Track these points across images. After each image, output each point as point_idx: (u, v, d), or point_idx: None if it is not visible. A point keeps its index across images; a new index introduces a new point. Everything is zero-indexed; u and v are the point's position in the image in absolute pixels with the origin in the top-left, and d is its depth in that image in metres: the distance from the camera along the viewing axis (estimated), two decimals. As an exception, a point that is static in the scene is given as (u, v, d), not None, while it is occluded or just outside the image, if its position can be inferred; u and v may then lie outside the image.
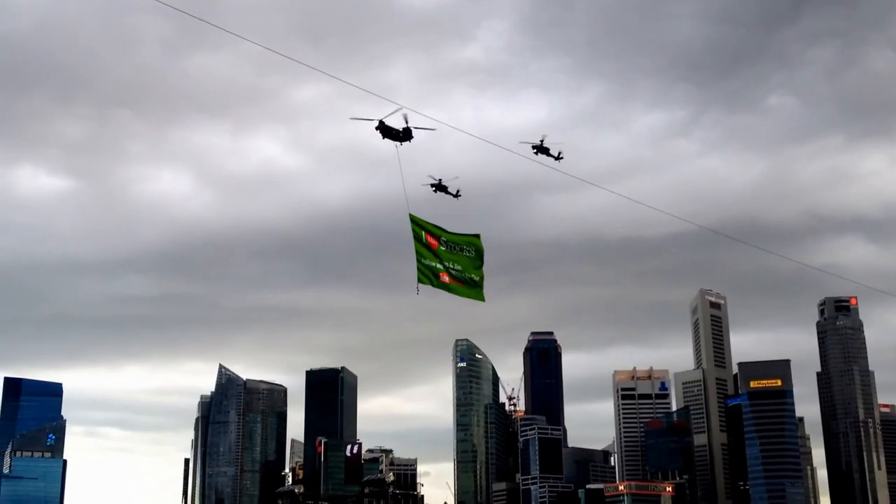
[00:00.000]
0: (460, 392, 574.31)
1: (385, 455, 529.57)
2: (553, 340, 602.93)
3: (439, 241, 53.86)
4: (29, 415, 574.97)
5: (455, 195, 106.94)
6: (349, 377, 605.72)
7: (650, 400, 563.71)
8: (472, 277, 55.09)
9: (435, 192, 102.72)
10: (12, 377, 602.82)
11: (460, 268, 54.46)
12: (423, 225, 53.69)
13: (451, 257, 54.25)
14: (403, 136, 71.41)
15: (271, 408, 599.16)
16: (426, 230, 53.66)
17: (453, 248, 54.40)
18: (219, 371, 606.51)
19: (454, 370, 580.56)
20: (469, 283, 54.95)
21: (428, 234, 53.65)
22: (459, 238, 54.79)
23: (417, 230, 53.41)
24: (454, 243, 54.50)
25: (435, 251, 53.68)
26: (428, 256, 53.41)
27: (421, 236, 53.34)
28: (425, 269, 53.29)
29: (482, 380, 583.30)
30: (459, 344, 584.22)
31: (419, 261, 53.07)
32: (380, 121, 69.63)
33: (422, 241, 53.34)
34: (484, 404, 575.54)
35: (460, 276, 54.54)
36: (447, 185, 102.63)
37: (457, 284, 54.32)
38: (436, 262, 53.67)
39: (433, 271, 53.52)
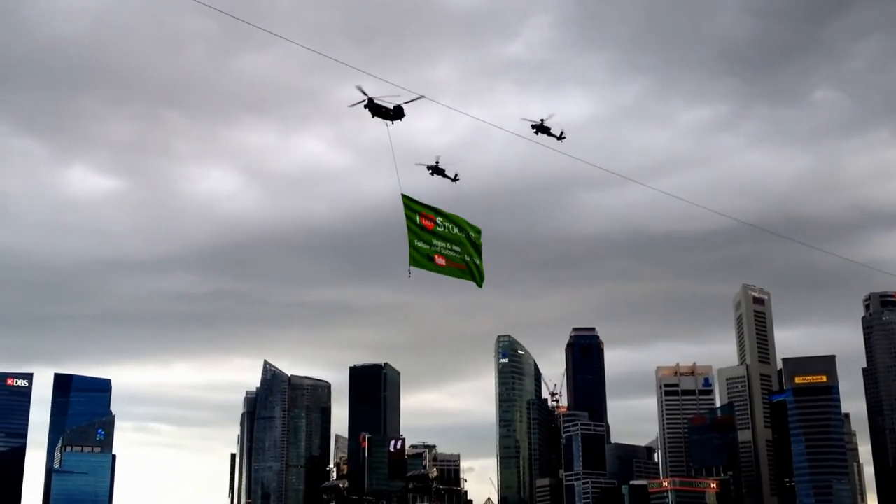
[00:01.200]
0: (503, 388, 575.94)
1: (428, 451, 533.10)
2: (595, 336, 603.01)
3: (435, 222, 51.14)
4: (79, 410, 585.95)
5: (453, 179, 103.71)
6: (392, 373, 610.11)
7: (693, 396, 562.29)
8: (472, 260, 52.24)
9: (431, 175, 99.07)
10: (63, 373, 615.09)
11: (458, 249, 51.60)
12: (416, 206, 50.83)
13: (448, 238, 51.29)
14: (394, 115, 68.74)
15: (316, 403, 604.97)
16: (420, 211, 50.78)
17: (450, 230, 51.54)
18: (264, 367, 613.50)
19: (496, 366, 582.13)
20: (468, 266, 52.03)
21: (422, 215, 50.76)
22: (458, 220, 52.13)
23: (410, 211, 50.47)
24: (452, 225, 51.74)
25: (431, 231, 50.79)
26: (422, 238, 50.45)
27: (415, 218, 50.44)
28: (419, 251, 50.22)
29: (524, 375, 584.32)
30: (501, 340, 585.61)
31: (412, 243, 50.07)
32: (369, 98, 67.11)
33: (415, 222, 50.38)
34: (526, 400, 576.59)
35: (458, 258, 51.65)
36: (444, 168, 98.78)
37: (454, 267, 51.42)
38: (430, 245, 50.63)
39: (427, 254, 50.48)
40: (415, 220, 50.29)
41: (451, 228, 51.61)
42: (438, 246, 50.83)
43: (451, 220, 51.73)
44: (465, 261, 51.77)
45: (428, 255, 50.40)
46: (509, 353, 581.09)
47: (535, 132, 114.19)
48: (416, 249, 50.03)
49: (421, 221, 50.46)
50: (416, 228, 50.28)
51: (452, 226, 51.72)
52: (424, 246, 50.32)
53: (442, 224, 51.29)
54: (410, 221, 50.17)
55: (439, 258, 50.85)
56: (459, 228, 51.98)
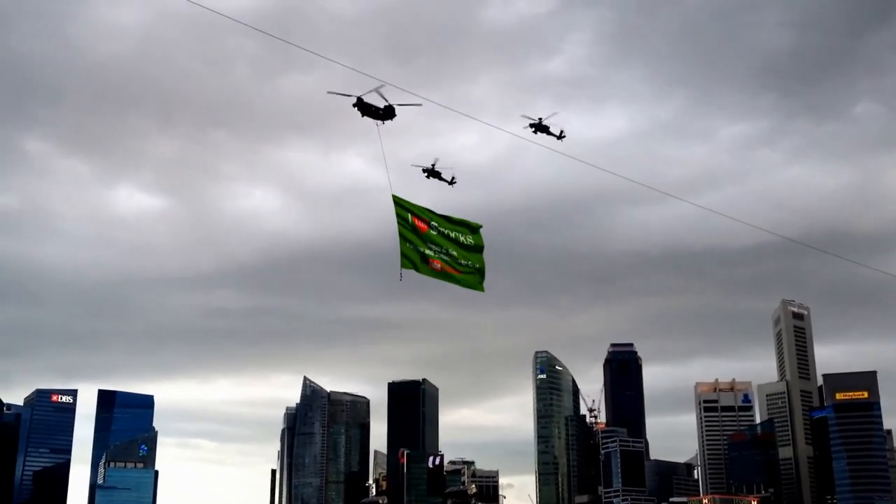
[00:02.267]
0: (541, 404, 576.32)
1: (467, 467, 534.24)
2: (633, 352, 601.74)
3: (429, 224, 48.13)
4: (122, 426, 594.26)
5: (450, 182, 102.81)
6: (430, 389, 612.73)
7: (733, 412, 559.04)
8: (470, 264, 48.99)
9: (427, 178, 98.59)
10: (106, 389, 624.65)
11: (455, 254, 48.45)
12: (409, 207, 47.97)
13: (443, 242, 48.37)
14: (385, 115, 66.65)
15: (355, 419, 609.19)
16: (413, 212, 47.89)
17: (446, 234, 48.61)
18: (303, 383, 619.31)
19: (534, 382, 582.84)
20: (466, 270, 48.85)
21: (415, 217, 47.87)
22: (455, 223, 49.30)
23: (402, 211, 47.66)
24: (448, 227, 48.80)
25: (424, 234, 47.82)
26: (415, 240, 47.51)
27: (407, 218, 47.61)
28: (411, 253, 47.29)
29: (562, 391, 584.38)
30: (539, 356, 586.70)
31: (403, 244, 47.15)
32: (358, 98, 65.20)
33: (407, 223, 47.56)
34: (564, 416, 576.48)
35: (454, 263, 48.43)
36: (440, 171, 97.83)
37: (452, 272, 48.28)
38: (424, 248, 47.68)
39: (421, 256, 47.53)
40: (407, 221, 47.59)
41: (446, 232, 48.61)
42: (433, 249, 48.01)
43: (447, 222, 48.87)
44: (461, 265, 48.70)
45: (422, 258, 47.57)
46: (547, 369, 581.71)
47: (534, 131, 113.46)
48: (408, 252, 47.29)
49: (414, 223, 47.78)
50: (409, 230, 47.51)
51: (448, 230, 48.71)
52: (417, 249, 47.54)
53: (437, 227, 48.34)
54: (402, 222, 47.48)
55: (434, 262, 47.93)
56: (456, 231, 48.98)
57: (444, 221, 48.80)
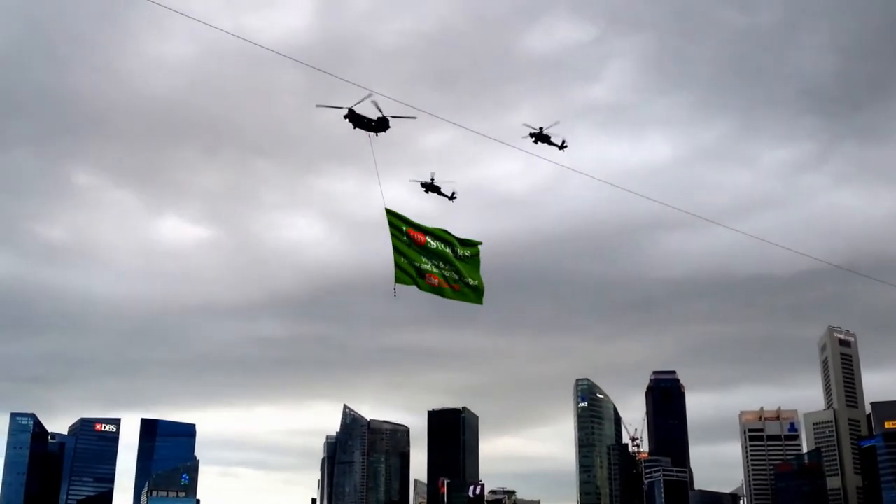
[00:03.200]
0: (582, 432, 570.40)
1: (508, 496, 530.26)
2: (676, 380, 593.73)
3: (426, 239, 46.51)
4: (164, 455, 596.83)
5: (450, 197, 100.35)
6: (471, 417, 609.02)
7: (779, 441, 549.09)
8: (468, 281, 47.31)
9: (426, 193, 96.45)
10: (149, 418, 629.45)
11: (452, 268, 46.83)
12: (403, 220, 46.30)
13: (440, 257, 46.78)
14: (378, 126, 64.75)
15: (395, 448, 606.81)
16: (409, 225, 46.23)
17: (442, 248, 46.93)
18: (343, 411, 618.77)
19: (575, 410, 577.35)
20: (465, 286, 47.22)
21: (411, 230, 46.16)
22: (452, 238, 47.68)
23: (397, 223, 45.96)
24: (444, 242, 47.15)
25: (421, 248, 46.17)
26: (410, 254, 45.81)
27: (401, 231, 45.89)
28: (408, 267, 45.53)
29: (604, 420, 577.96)
30: (580, 383, 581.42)
31: (398, 259, 45.31)
32: (349, 109, 63.85)
33: (402, 236, 45.85)
34: (606, 445, 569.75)
35: (452, 278, 46.79)
36: (440, 186, 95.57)
37: (447, 287, 46.65)
38: (420, 262, 45.96)
39: (418, 271, 45.78)
40: (401, 235, 45.89)
41: (442, 246, 47.06)
42: (429, 264, 46.35)
43: (441, 237, 47.24)
44: (459, 280, 47.19)
45: (418, 272, 45.86)
46: (588, 397, 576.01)
47: (535, 141, 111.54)
48: (403, 266, 45.48)
49: (410, 235, 46.05)
50: (404, 244, 45.77)
51: (444, 243, 47.17)
52: (413, 263, 45.79)
53: (434, 241, 46.80)
54: (397, 235, 45.77)
55: (431, 277, 46.28)
56: (453, 248, 47.43)
57: (439, 235, 47.37)
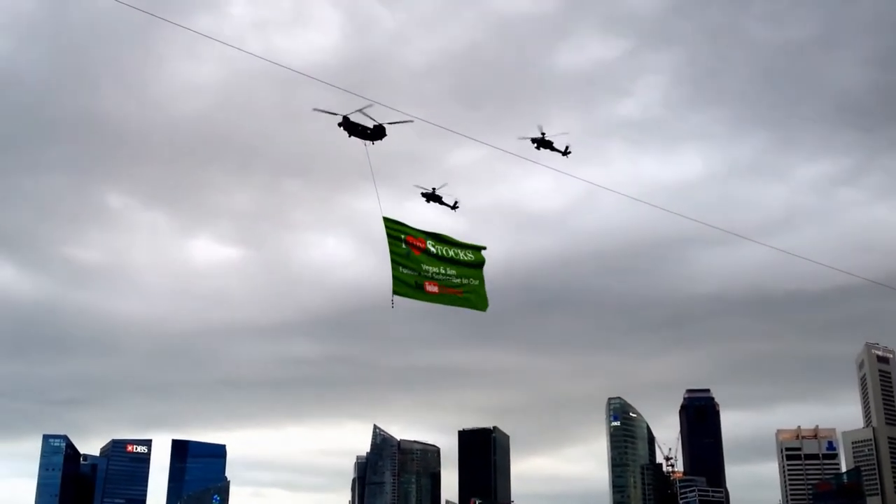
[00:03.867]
0: (615, 452, 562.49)
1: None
2: (710, 398, 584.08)
3: (425, 245, 45.64)
4: (195, 476, 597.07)
5: (452, 207, 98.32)
6: (501, 437, 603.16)
7: (817, 460, 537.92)
8: (472, 285, 46.55)
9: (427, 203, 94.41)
10: (180, 439, 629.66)
11: (454, 272, 45.89)
12: (402, 228, 45.48)
13: (441, 262, 45.78)
14: (373, 134, 63.28)
15: (425, 468, 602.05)
16: (407, 233, 45.34)
17: (444, 253, 46.02)
18: (374, 431, 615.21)
19: (608, 429, 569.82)
20: (466, 290, 46.37)
21: (410, 237, 45.31)
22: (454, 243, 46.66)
23: (395, 233, 45.16)
24: (446, 246, 46.22)
25: (420, 255, 45.38)
26: (409, 263, 44.94)
27: (400, 240, 45.11)
28: (404, 277, 44.69)
29: (637, 439, 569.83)
30: (612, 402, 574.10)
31: (396, 269, 44.52)
32: (344, 117, 62.60)
33: (401, 245, 45.10)
34: (640, 465, 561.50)
35: (454, 283, 45.94)
36: (441, 196, 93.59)
37: (448, 293, 45.80)
38: (419, 270, 45.14)
39: (415, 280, 44.92)
40: (400, 243, 45.14)
41: (444, 251, 46.07)
42: (430, 271, 45.36)
43: (444, 241, 46.32)
44: (462, 285, 46.09)
45: (416, 282, 44.97)
46: (621, 416, 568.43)
47: (536, 147, 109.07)
48: (401, 276, 44.63)
49: (409, 244, 45.28)
50: (402, 253, 45.02)
51: (446, 248, 46.15)
52: (411, 273, 44.87)
53: (434, 247, 45.86)
54: (394, 245, 45.01)
55: (430, 285, 45.30)
56: (454, 249, 46.45)
57: (441, 242, 46.34)
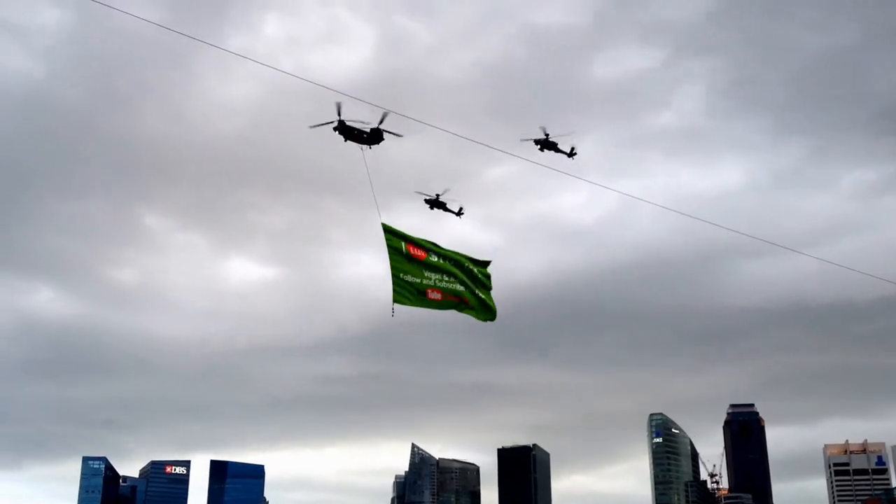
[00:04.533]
0: (658, 469, 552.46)
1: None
2: (755, 413, 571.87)
3: (428, 252, 44.07)
4: (234, 497, 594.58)
5: (458, 213, 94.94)
6: (541, 454, 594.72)
7: (867, 476, 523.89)
8: (478, 294, 44.55)
9: (431, 209, 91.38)
10: (218, 460, 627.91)
11: (456, 280, 44.10)
12: (402, 235, 43.93)
13: (443, 269, 44.06)
14: (370, 139, 61.77)
15: (465, 487, 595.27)
16: (408, 241, 43.82)
17: (446, 261, 44.30)
18: (411, 451, 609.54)
19: (650, 446, 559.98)
20: (469, 299, 44.36)
21: (410, 245, 43.78)
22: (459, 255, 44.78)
23: (395, 240, 43.64)
24: (450, 254, 44.49)
25: (422, 263, 43.74)
26: (410, 270, 43.39)
27: (400, 247, 43.56)
28: (405, 285, 43.01)
29: (680, 456, 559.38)
30: (654, 418, 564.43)
31: (396, 276, 42.97)
32: (339, 121, 61.41)
33: (401, 252, 43.51)
34: (684, 482, 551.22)
35: (458, 290, 44.04)
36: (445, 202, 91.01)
37: (451, 300, 44.01)
38: (421, 277, 43.48)
39: (417, 288, 43.22)
40: (400, 250, 43.63)
41: (449, 257, 44.58)
42: (432, 278, 43.71)
43: (448, 255, 44.66)
44: (465, 293, 44.26)
45: (418, 290, 43.32)
46: (663, 432, 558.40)
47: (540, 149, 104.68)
48: (402, 284, 43.09)
49: (409, 251, 43.74)
50: (402, 260, 43.52)
51: (450, 256, 44.66)
52: (413, 279, 43.29)
53: (435, 254, 44.37)
54: (395, 252, 43.55)
55: (433, 292, 43.67)
56: (459, 257, 44.84)
57: (444, 249, 44.95)
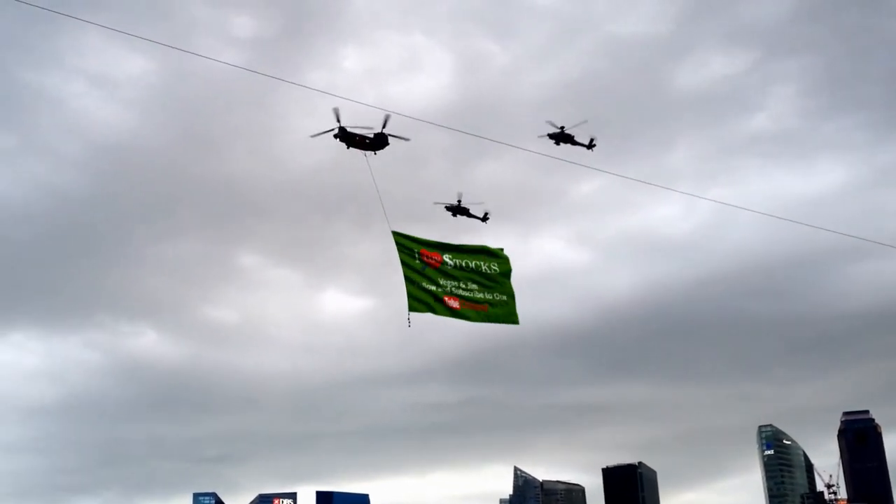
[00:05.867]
0: (771, 482, 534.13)
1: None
2: (870, 420, 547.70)
3: (442, 258, 42.81)
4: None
5: (483, 219, 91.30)
6: (648, 472, 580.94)
7: None
8: (496, 296, 43.45)
9: (454, 217, 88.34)
10: (324, 490, 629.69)
11: (476, 286, 42.74)
12: (415, 241, 43.10)
13: (461, 276, 42.76)
14: (374, 144, 59.54)
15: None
16: (422, 246, 42.81)
17: (465, 265, 42.93)
18: (514, 473, 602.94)
19: (761, 459, 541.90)
20: (494, 303, 43.28)
21: (424, 250, 42.79)
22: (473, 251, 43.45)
23: (407, 247, 42.94)
24: (466, 258, 43.04)
25: (437, 269, 42.54)
26: (425, 278, 42.32)
27: (413, 254, 42.68)
28: (421, 293, 41.96)
29: (794, 467, 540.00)
30: (763, 430, 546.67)
31: (410, 285, 42.01)
32: (340, 128, 59.35)
33: (415, 260, 42.64)
34: (800, 494, 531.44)
35: (477, 297, 42.78)
36: (468, 207, 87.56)
37: (471, 308, 42.67)
38: (437, 285, 42.29)
39: (434, 295, 42.06)
40: (413, 258, 42.63)
41: (464, 263, 43.00)
42: (448, 286, 42.37)
43: (463, 252, 43.22)
44: (486, 300, 42.93)
45: (435, 297, 41.99)
46: (774, 444, 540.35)
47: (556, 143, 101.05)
48: (417, 292, 41.97)
49: (423, 257, 42.68)
50: (417, 268, 42.53)
51: (466, 260, 43.06)
52: (429, 287, 42.07)
53: (452, 259, 42.94)
54: (407, 260, 42.67)
55: (451, 300, 42.26)
56: (476, 260, 43.31)
57: (459, 253, 43.47)
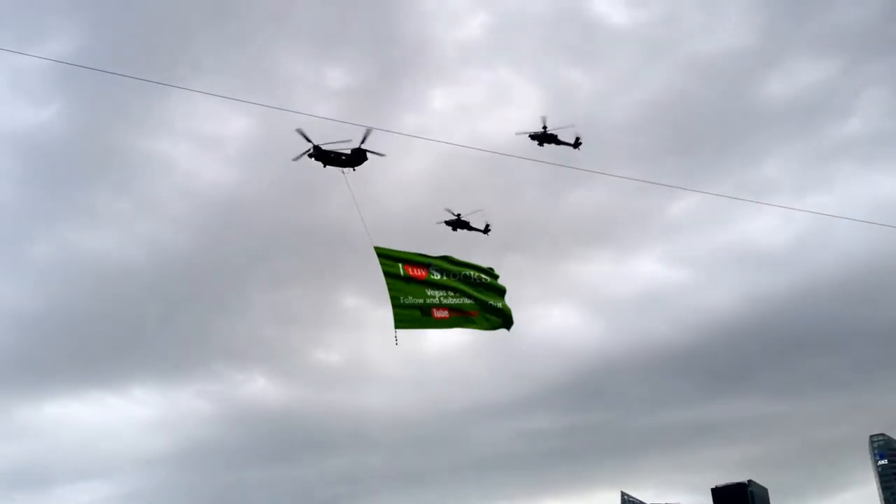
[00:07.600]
0: (887, 493, 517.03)
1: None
2: None
3: (428, 269, 42.36)
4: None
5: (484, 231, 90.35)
6: (759, 490, 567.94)
7: None
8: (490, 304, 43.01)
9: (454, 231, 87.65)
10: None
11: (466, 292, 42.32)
12: (398, 255, 42.27)
13: (447, 285, 42.32)
14: (351, 161, 58.17)
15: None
16: (405, 260, 42.13)
17: (450, 276, 42.61)
18: (622, 499, 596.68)
19: (875, 470, 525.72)
20: (484, 312, 42.75)
21: (408, 265, 42.07)
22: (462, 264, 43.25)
23: (390, 263, 41.93)
24: (454, 267, 42.92)
25: (422, 282, 41.98)
26: (410, 292, 41.54)
27: (397, 270, 41.85)
28: (406, 308, 41.30)
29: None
30: (875, 440, 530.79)
31: (395, 300, 41.13)
32: (314, 146, 57.61)
33: (399, 275, 41.82)
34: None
35: (466, 304, 42.36)
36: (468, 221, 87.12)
37: (460, 316, 42.25)
38: (423, 297, 41.71)
39: (421, 309, 41.44)
40: (398, 274, 41.99)
41: (453, 271, 42.93)
42: (436, 296, 42.01)
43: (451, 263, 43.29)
44: (472, 305, 42.82)
45: (422, 310, 41.55)
46: (887, 454, 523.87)
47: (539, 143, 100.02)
48: (403, 307, 41.35)
49: (407, 273, 42.11)
50: (401, 282, 41.86)
51: (455, 269, 43.07)
52: (415, 300, 41.56)
53: (439, 269, 42.73)
54: (391, 277, 41.85)
55: (439, 311, 41.83)
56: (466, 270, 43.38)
57: (446, 263, 43.30)
